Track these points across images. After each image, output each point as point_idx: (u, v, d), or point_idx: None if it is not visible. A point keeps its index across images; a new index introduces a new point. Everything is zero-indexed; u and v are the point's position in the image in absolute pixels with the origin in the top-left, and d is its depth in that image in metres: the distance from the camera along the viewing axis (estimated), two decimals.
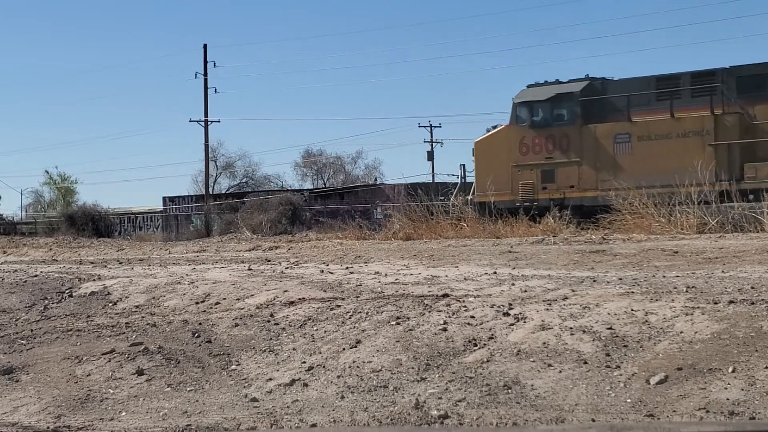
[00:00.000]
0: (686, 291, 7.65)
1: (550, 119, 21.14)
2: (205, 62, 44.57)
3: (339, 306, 8.41)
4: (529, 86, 22.19)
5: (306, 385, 6.53)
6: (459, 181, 24.11)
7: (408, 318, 7.61)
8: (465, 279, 9.63)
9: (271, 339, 7.79)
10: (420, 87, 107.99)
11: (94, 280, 11.96)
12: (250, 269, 12.05)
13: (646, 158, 19.52)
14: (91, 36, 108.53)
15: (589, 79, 21.23)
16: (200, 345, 7.93)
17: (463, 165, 23.76)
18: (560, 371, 5.99)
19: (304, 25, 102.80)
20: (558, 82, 21.61)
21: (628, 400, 5.48)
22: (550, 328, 6.77)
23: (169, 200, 45.75)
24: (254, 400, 6.39)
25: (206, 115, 44.19)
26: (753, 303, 6.87)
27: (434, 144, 62.49)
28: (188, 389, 6.83)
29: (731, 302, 6.93)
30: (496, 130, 22.39)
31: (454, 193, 22.92)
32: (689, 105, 19.25)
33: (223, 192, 53.87)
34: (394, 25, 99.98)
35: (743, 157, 18.64)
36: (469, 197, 22.25)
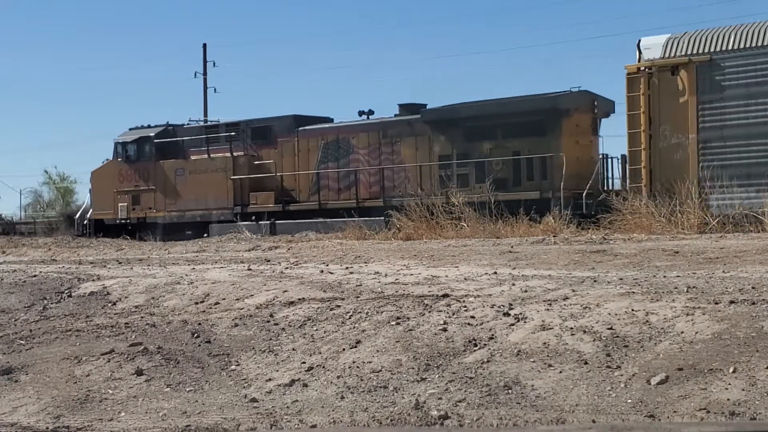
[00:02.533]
0: (687, 291, 7.63)
1: (137, 156, 27.49)
2: (205, 62, 44.61)
3: (339, 306, 8.40)
4: (130, 129, 28.26)
5: (306, 385, 6.52)
6: (87, 201, 30.26)
7: (408, 318, 7.59)
8: (465, 279, 9.61)
9: (270, 339, 7.78)
10: (420, 87, 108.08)
11: (93, 280, 11.93)
12: (249, 269, 12.02)
13: (194, 188, 26.07)
14: (91, 36, 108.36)
15: (166, 125, 27.47)
16: (200, 345, 7.92)
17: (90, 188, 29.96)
18: (561, 371, 5.98)
19: (303, 25, 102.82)
20: (149, 126, 27.73)
21: (629, 401, 5.47)
22: (550, 329, 6.75)
23: None
24: (254, 400, 6.38)
25: (206, 114, 44.13)
26: (754, 303, 6.86)
27: None
28: (188, 389, 6.82)
29: (732, 302, 6.91)
30: (106, 162, 28.91)
31: (79, 213, 29.84)
32: (221, 148, 25.78)
33: None
34: (394, 25, 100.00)
35: (251, 187, 25.18)
36: (88, 215, 28.83)
